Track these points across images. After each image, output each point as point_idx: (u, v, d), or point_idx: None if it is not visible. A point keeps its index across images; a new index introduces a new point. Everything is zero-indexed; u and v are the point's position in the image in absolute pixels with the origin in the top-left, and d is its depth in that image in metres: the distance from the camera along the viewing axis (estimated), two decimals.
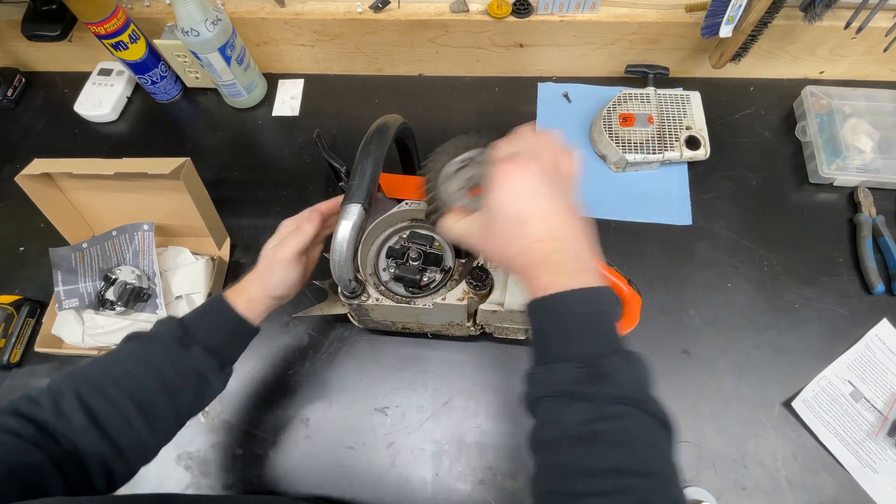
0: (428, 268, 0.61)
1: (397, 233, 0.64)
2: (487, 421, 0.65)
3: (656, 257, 0.73)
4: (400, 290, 0.61)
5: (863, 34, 0.71)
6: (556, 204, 0.38)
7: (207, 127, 0.88)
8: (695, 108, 0.78)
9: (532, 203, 0.38)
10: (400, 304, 0.58)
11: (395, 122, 0.54)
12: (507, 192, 0.38)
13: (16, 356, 0.70)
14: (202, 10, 0.71)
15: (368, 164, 0.49)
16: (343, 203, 0.48)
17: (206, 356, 0.49)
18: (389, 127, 0.53)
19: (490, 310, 0.57)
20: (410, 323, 0.65)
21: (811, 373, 0.65)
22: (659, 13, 0.77)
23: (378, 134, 0.51)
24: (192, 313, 0.53)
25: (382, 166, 0.50)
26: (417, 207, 0.62)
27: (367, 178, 0.48)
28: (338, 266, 0.49)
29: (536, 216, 0.38)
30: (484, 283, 0.55)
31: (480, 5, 0.79)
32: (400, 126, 0.55)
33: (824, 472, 0.61)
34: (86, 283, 0.67)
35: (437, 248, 0.62)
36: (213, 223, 0.72)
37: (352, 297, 0.57)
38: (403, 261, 0.61)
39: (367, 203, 0.48)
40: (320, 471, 0.63)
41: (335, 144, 0.84)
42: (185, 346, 0.49)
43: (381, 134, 0.51)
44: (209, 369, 0.50)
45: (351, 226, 0.47)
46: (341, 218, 0.48)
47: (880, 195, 0.74)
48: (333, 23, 0.80)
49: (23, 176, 0.63)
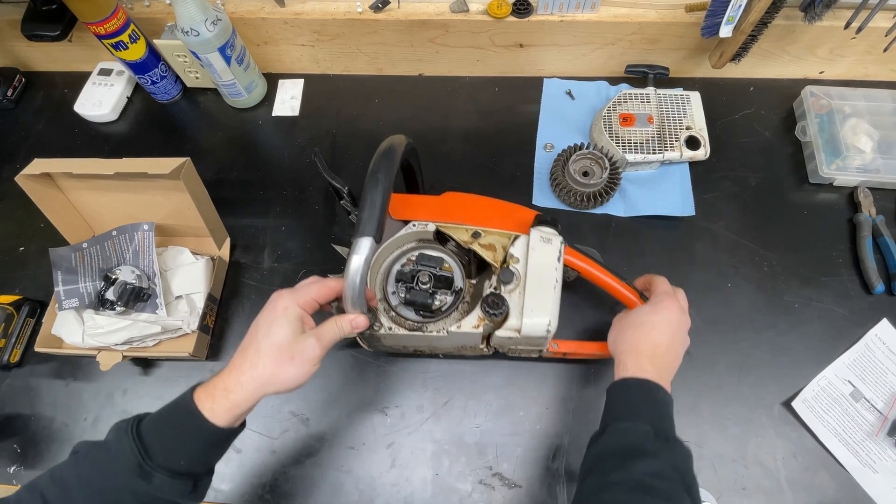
0: (439, 290, 0.59)
1: (405, 254, 0.62)
2: (487, 421, 0.65)
3: (656, 257, 0.73)
4: (411, 315, 0.59)
5: (863, 34, 0.72)
6: (678, 335, 0.54)
7: (207, 127, 0.88)
8: (695, 108, 0.78)
9: (670, 326, 0.54)
10: (413, 333, 0.57)
11: (400, 144, 0.52)
12: (662, 314, 0.54)
13: (16, 356, 0.70)
14: (202, 10, 0.71)
15: (378, 193, 0.47)
16: (354, 236, 0.46)
17: (172, 483, 0.41)
18: (396, 151, 0.51)
19: (506, 336, 0.56)
20: (422, 346, 0.64)
21: (811, 373, 0.65)
22: (659, 13, 0.77)
23: (385, 160, 0.49)
24: (155, 423, 0.43)
25: None
26: (424, 229, 0.61)
27: (377, 209, 0.47)
28: (351, 301, 0.48)
29: (666, 333, 0.53)
30: (500, 311, 0.54)
31: (480, 5, 0.79)
32: (406, 146, 0.53)
33: (824, 472, 0.61)
34: (86, 283, 0.67)
35: (446, 270, 0.60)
36: (213, 223, 0.72)
37: None
38: (413, 284, 0.59)
39: (378, 236, 0.46)
40: (320, 470, 0.63)
41: (335, 144, 0.84)
42: (146, 476, 0.40)
43: (389, 160, 0.50)
44: (178, 494, 0.41)
45: (363, 261, 0.46)
46: (352, 253, 0.46)
47: (880, 195, 0.74)
48: (333, 23, 0.80)
49: (23, 176, 0.63)
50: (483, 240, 0.59)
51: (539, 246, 0.57)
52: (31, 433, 0.67)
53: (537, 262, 0.56)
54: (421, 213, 0.62)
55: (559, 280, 0.56)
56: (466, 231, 0.60)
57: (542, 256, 0.57)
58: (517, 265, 0.57)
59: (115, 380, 0.69)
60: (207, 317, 0.69)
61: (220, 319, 0.72)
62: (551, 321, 0.54)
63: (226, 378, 0.43)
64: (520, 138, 0.83)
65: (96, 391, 0.69)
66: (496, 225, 0.60)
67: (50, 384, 0.69)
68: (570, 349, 0.62)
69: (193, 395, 0.43)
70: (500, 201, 0.65)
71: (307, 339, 0.45)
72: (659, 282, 0.59)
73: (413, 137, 0.83)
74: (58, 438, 0.66)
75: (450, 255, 0.61)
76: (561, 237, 0.58)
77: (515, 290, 0.56)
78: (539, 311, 0.54)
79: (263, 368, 0.43)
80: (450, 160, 0.82)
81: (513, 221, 0.61)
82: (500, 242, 0.59)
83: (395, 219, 0.62)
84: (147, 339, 0.67)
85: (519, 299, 0.55)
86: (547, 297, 0.55)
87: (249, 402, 0.43)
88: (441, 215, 0.62)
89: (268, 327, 0.45)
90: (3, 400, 0.69)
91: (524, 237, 0.58)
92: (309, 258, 0.75)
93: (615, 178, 0.73)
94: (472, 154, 0.82)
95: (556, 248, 0.57)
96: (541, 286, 0.55)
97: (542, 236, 0.58)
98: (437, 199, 0.64)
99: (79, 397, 0.68)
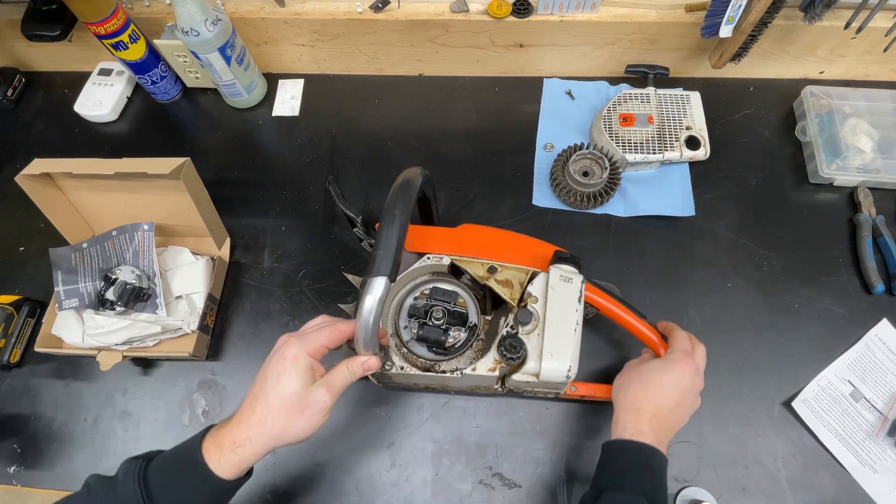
0: (452, 326, 0.57)
1: (418, 287, 0.60)
2: (487, 421, 0.65)
3: (656, 257, 0.73)
4: (423, 351, 0.57)
5: (863, 34, 0.72)
6: (687, 399, 0.52)
7: (207, 127, 0.88)
8: (695, 108, 0.78)
9: (678, 389, 0.51)
10: (426, 373, 0.55)
11: (416, 177, 0.50)
12: (673, 375, 0.52)
13: (16, 356, 0.70)
14: (202, 10, 0.71)
15: (394, 231, 0.45)
16: (366, 275, 0.44)
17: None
18: (413, 184, 0.49)
19: (524, 380, 0.54)
20: (434, 384, 0.63)
21: (811, 373, 0.65)
22: (659, 13, 0.77)
23: (402, 195, 0.47)
24: (163, 467, 0.43)
25: None
26: (439, 262, 0.59)
27: (392, 248, 0.45)
28: (363, 344, 0.46)
29: (674, 396, 0.51)
30: (518, 355, 0.52)
31: (480, 5, 0.79)
32: (423, 179, 0.51)
33: (824, 472, 0.61)
34: (86, 283, 0.67)
35: (461, 306, 0.58)
36: (213, 223, 0.72)
37: None
38: (426, 320, 0.57)
39: (394, 275, 0.44)
40: (320, 470, 0.63)
41: (335, 144, 0.84)
42: None
43: (406, 195, 0.48)
44: None
45: (377, 301, 0.44)
46: (366, 293, 0.44)
47: (880, 195, 0.74)
48: (333, 23, 0.80)
49: (23, 176, 0.63)
50: (499, 275, 0.57)
51: (559, 286, 0.54)
52: (31, 433, 0.67)
53: (557, 303, 0.54)
54: (436, 245, 0.60)
55: (580, 322, 0.53)
56: (482, 266, 0.58)
57: (562, 297, 0.54)
58: (535, 305, 0.54)
59: (115, 380, 0.69)
60: (207, 317, 0.69)
61: (220, 319, 0.72)
62: (571, 366, 0.52)
63: (235, 430, 0.43)
64: (520, 138, 0.83)
65: (96, 391, 0.69)
66: (513, 260, 0.58)
67: (50, 384, 0.69)
68: (590, 392, 0.60)
69: (202, 445, 0.42)
70: (518, 234, 0.63)
71: (317, 390, 0.44)
72: (678, 336, 0.56)
73: (413, 137, 0.84)
74: (58, 438, 0.66)
75: (464, 289, 0.59)
76: (582, 276, 0.56)
77: (534, 331, 0.54)
78: (559, 356, 0.52)
79: (273, 423, 0.42)
80: (450, 160, 0.82)
81: (530, 256, 0.59)
82: (518, 279, 0.57)
83: (408, 251, 0.60)
84: (147, 339, 0.67)
85: (537, 342, 0.53)
86: (567, 340, 0.52)
87: (258, 456, 0.43)
88: (456, 248, 0.60)
89: (277, 378, 0.44)
90: (3, 400, 0.69)
91: (543, 274, 0.56)
92: (309, 258, 0.75)
93: (615, 178, 0.73)
94: (472, 154, 0.82)
95: (577, 289, 0.54)
96: (561, 329, 0.53)
97: (561, 275, 0.55)
98: (453, 231, 0.63)
99: (79, 397, 0.68)
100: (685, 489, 0.60)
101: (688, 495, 0.59)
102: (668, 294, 0.70)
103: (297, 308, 0.72)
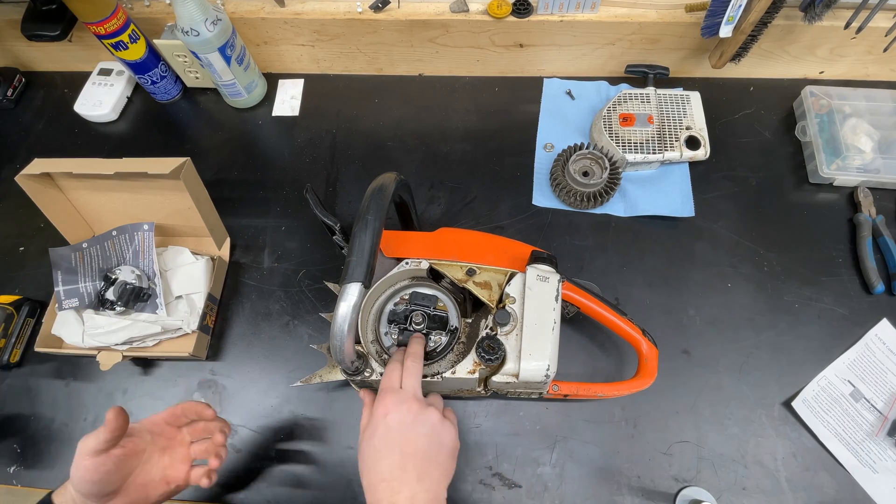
0: (433, 331, 0.57)
1: (398, 293, 0.60)
2: (487, 421, 0.65)
3: (656, 257, 0.73)
4: None
5: (863, 34, 0.72)
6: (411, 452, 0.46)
7: (207, 127, 0.88)
8: (695, 108, 0.78)
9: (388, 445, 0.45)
10: None
11: (391, 182, 0.51)
12: (369, 438, 0.46)
13: (16, 356, 0.70)
14: (202, 10, 0.71)
15: (367, 236, 0.45)
16: (341, 281, 0.45)
17: None
18: (385, 190, 0.49)
19: (504, 381, 0.53)
20: None
21: (811, 373, 0.65)
22: (659, 13, 0.77)
23: (375, 200, 0.48)
24: None
25: None
26: (417, 266, 0.59)
27: (366, 253, 0.45)
28: (338, 351, 0.46)
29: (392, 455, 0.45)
30: (496, 356, 0.52)
31: (480, 5, 0.79)
32: (397, 184, 0.51)
33: (824, 472, 0.61)
34: (86, 283, 0.67)
35: (440, 309, 0.58)
36: (213, 223, 0.72)
37: (354, 375, 0.54)
38: (406, 325, 0.57)
39: (368, 280, 0.45)
40: (321, 470, 0.63)
41: (335, 144, 0.84)
42: None
43: (379, 200, 0.48)
44: None
45: (350, 307, 0.44)
46: (340, 299, 0.44)
47: (880, 195, 0.74)
48: (333, 23, 0.80)
49: (23, 176, 0.63)
50: (478, 277, 0.57)
51: (536, 285, 0.55)
52: (31, 433, 0.67)
53: (534, 303, 0.54)
54: (414, 250, 0.60)
55: (557, 321, 0.53)
56: (461, 268, 0.58)
57: (539, 296, 0.54)
58: (513, 305, 0.54)
59: (115, 380, 0.69)
60: (207, 317, 0.69)
61: (220, 319, 0.72)
62: (550, 365, 0.52)
63: None
64: (520, 138, 0.83)
65: (96, 391, 0.69)
66: (491, 262, 0.58)
67: (50, 384, 0.69)
68: (572, 390, 0.60)
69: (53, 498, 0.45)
70: (495, 236, 0.63)
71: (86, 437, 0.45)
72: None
73: (413, 137, 0.84)
74: (58, 438, 0.66)
75: (444, 293, 0.59)
76: (559, 275, 0.56)
77: (512, 332, 0.54)
78: (537, 355, 0.52)
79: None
80: (450, 160, 0.82)
81: (508, 258, 0.59)
82: (496, 280, 0.57)
83: (387, 256, 0.60)
84: (147, 339, 0.67)
85: (516, 342, 0.53)
86: (545, 339, 0.52)
87: None
88: (435, 252, 0.59)
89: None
90: (3, 400, 0.69)
91: (520, 275, 0.56)
92: (309, 258, 0.75)
93: (615, 178, 0.73)
94: (471, 154, 0.82)
95: (554, 288, 0.54)
96: (539, 328, 0.53)
97: (538, 275, 0.55)
98: (431, 235, 0.63)
99: (79, 397, 0.68)
100: (685, 489, 0.60)
101: (688, 495, 0.59)
102: (668, 294, 0.70)
103: (297, 308, 0.72)
